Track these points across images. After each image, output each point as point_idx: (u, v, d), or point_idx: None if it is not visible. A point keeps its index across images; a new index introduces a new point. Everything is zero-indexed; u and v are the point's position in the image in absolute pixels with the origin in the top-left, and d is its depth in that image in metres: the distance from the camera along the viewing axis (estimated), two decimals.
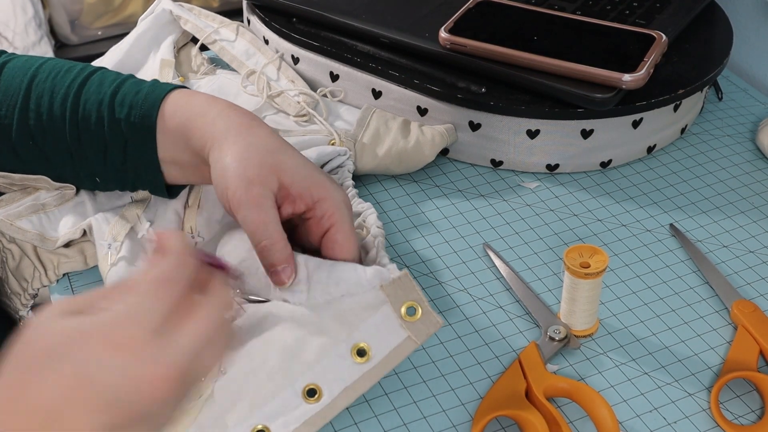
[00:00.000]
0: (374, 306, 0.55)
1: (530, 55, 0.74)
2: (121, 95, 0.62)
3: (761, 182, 0.78)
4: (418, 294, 0.54)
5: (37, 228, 0.66)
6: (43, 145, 0.64)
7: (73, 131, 0.63)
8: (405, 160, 0.74)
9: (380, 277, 0.55)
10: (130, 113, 0.61)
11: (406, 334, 0.54)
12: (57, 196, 0.67)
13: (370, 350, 0.54)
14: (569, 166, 0.78)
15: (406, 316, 0.54)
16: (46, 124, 0.63)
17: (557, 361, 0.61)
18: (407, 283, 0.55)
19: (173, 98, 0.62)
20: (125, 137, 0.62)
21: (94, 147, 0.63)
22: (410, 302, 0.54)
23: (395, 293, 0.54)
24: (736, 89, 0.90)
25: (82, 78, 0.64)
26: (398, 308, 0.54)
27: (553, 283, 0.67)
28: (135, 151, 0.62)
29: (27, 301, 0.67)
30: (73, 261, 0.66)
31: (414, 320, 0.54)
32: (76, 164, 0.64)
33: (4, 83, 0.64)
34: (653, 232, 0.72)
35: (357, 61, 0.79)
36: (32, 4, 1.65)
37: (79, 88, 0.63)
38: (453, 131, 0.77)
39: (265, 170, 0.56)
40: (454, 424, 0.57)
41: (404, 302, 0.54)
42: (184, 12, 0.84)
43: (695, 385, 0.59)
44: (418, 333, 0.54)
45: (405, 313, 0.54)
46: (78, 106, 0.63)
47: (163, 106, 0.61)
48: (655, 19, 0.83)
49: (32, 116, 0.63)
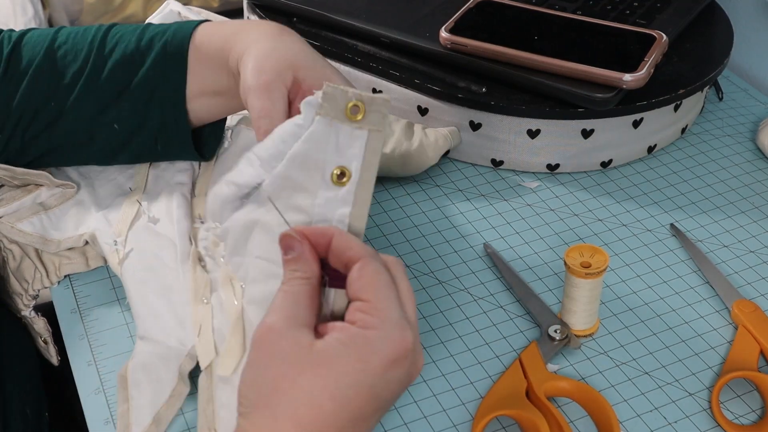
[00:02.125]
0: (325, 132, 0.52)
1: (531, 55, 0.74)
2: (149, 34, 0.63)
3: (761, 182, 0.78)
4: (350, 93, 0.51)
5: (38, 230, 0.66)
6: (64, 100, 0.64)
7: (96, 73, 0.63)
8: (408, 163, 0.74)
9: (311, 106, 0.52)
10: (162, 46, 0.62)
11: (365, 131, 0.52)
12: (57, 195, 0.67)
13: (347, 169, 0.52)
14: (570, 166, 0.78)
15: (353, 116, 0.52)
16: (69, 78, 0.63)
17: (558, 361, 0.61)
18: (335, 92, 0.52)
19: (203, 28, 0.63)
20: (155, 70, 0.62)
21: (119, 86, 0.63)
22: (349, 104, 0.51)
23: (332, 107, 0.52)
24: (737, 89, 0.90)
25: (104, 30, 0.65)
26: (342, 117, 0.52)
27: (553, 283, 0.67)
28: (164, 82, 0.63)
29: (28, 301, 0.67)
30: (74, 263, 0.66)
31: (363, 115, 0.52)
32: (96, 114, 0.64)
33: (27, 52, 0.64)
34: (654, 231, 0.72)
35: (357, 60, 0.79)
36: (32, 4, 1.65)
37: (103, 38, 0.64)
38: (457, 134, 0.77)
39: (282, 63, 0.57)
40: (455, 423, 0.57)
41: (343, 109, 0.52)
42: (191, 14, 0.84)
43: (696, 385, 0.59)
44: (374, 122, 0.52)
45: (351, 114, 0.52)
46: (103, 50, 0.63)
47: (194, 37, 0.63)
48: (655, 19, 0.83)
49: (57, 76, 0.64)
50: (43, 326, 0.69)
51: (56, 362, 0.70)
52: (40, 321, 0.69)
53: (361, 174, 0.52)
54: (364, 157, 0.52)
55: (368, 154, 0.52)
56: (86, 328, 0.64)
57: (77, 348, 0.62)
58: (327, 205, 0.52)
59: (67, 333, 0.64)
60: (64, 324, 0.64)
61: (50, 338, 0.70)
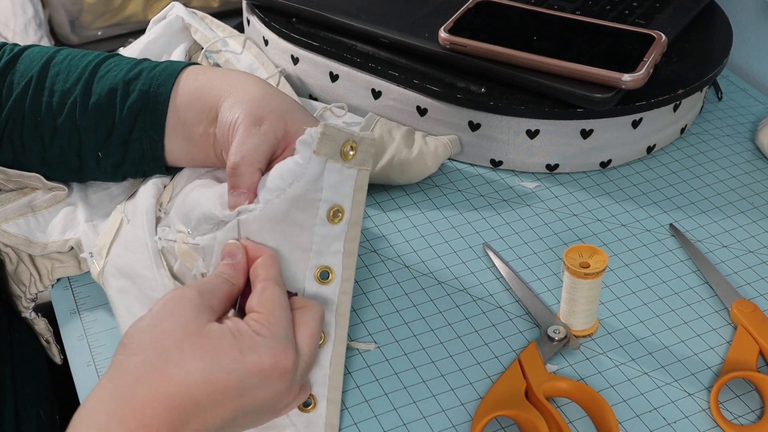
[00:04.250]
0: (320, 171, 0.55)
1: (530, 55, 0.74)
2: (138, 69, 0.64)
3: (761, 182, 0.78)
4: (345, 133, 0.54)
5: (24, 231, 0.65)
6: (52, 119, 0.64)
7: (84, 102, 0.64)
8: (407, 171, 0.74)
9: (307, 145, 0.54)
10: (145, 85, 0.63)
11: (355, 169, 0.55)
12: (48, 199, 0.67)
13: (341, 207, 0.56)
14: (569, 166, 0.78)
15: (348, 156, 0.55)
16: (57, 97, 0.64)
17: (557, 361, 0.61)
18: (334, 133, 0.54)
19: (190, 70, 0.64)
20: (138, 107, 0.63)
21: (103, 119, 0.63)
22: (344, 144, 0.55)
23: (329, 147, 0.54)
24: (736, 89, 0.90)
25: (100, 59, 0.66)
26: (337, 156, 0.55)
27: (552, 283, 0.67)
28: (143, 119, 0.63)
29: (27, 303, 0.67)
30: (67, 266, 0.66)
31: (354, 154, 0.55)
32: (82, 137, 0.64)
33: (22, 65, 0.65)
34: (653, 232, 0.72)
35: (357, 61, 0.79)
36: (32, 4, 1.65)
37: (96, 67, 0.65)
38: (457, 142, 0.77)
39: (275, 114, 0.58)
40: (454, 424, 0.57)
41: (340, 148, 0.55)
42: (195, 20, 0.83)
43: (695, 385, 0.59)
44: (362, 160, 0.55)
45: (346, 153, 0.55)
46: (92, 82, 0.64)
47: (179, 78, 0.63)
48: (654, 19, 0.83)
49: (46, 93, 0.64)
50: (44, 327, 0.69)
51: (59, 361, 0.71)
52: (41, 322, 0.69)
53: (352, 212, 0.56)
54: (354, 195, 0.56)
55: (357, 192, 0.56)
56: (85, 329, 0.64)
57: (76, 348, 0.63)
58: (323, 241, 0.56)
59: (66, 334, 0.64)
60: (63, 324, 0.64)
61: (52, 338, 0.70)
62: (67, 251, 0.66)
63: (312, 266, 0.56)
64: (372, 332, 0.63)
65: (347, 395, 0.59)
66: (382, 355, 0.61)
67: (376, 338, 0.63)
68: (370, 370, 0.60)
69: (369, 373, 0.60)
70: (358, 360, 0.61)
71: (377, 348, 0.62)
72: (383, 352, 0.62)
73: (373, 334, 0.63)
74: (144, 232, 0.62)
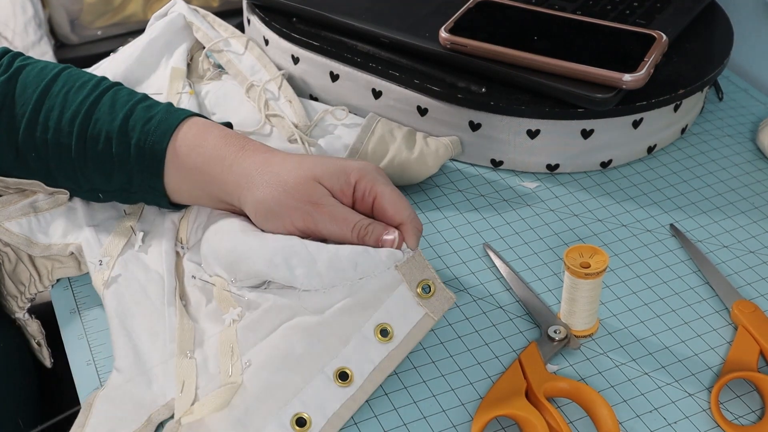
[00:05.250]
0: (391, 286, 0.57)
1: (530, 55, 0.74)
2: (133, 120, 0.62)
3: (761, 182, 0.78)
4: (431, 272, 0.58)
5: (26, 231, 0.65)
6: (46, 157, 0.63)
7: (80, 149, 0.63)
8: (408, 171, 0.74)
9: (394, 258, 0.57)
10: (140, 140, 0.61)
11: (423, 311, 0.57)
12: (50, 201, 0.67)
13: (392, 329, 0.56)
14: (569, 166, 0.78)
15: (422, 294, 0.57)
16: (52, 137, 0.63)
17: (557, 362, 0.61)
18: (420, 262, 0.57)
19: (185, 133, 0.62)
20: (133, 163, 0.62)
21: (100, 167, 0.63)
22: (425, 280, 0.57)
23: (410, 272, 0.57)
24: (737, 89, 0.90)
25: (95, 96, 0.63)
26: (414, 287, 0.57)
27: (553, 283, 0.67)
28: (141, 177, 0.62)
29: (24, 304, 0.67)
30: (67, 267, 0.66)
31: (429, 297, 0.57)
32: (80, 179, 0.64)
33: (19, 90, 0.64)
34: (653, 232, 0.72)
35: (357, 61, 0.79)
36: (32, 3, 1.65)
37: (91, 107, 0.63)
38: (458, 143, 0.76)
39: (310, 185, 0.58)
40: (454, 424, 0.57)
41: (419, 281, 0.57)
42: (196, 19, 0.83)
43: (695, 386, 0.59)
44: (434, 309, 0.57)
45: (421, 291, 0.57)
46: (88, 126, 0.62)
47: (175, 140, 0.61)
48: (655, 19, 0.82)
49: (39, 129, 0.63)
50: (36, 329, 0.69)
51: (49, 364, 0.70)
52: (34, 324, 0.69)
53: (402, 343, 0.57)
54: (412, 331, 0.57)
55: (416, 331, 0.57)
56: (85, 328, 0.64)
57: (76, 348, 0.62)
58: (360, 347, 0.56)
59: (66, 333, 0.64)
60: (63, 324, 0.64)
61: (44, 340, 0.70)
62: (68, 255, 0.66)
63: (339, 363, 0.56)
64: None
65: None
66: None
67: None
68: None
69: None
70: None
71: None
72: None
73: None
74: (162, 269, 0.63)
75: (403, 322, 0.57)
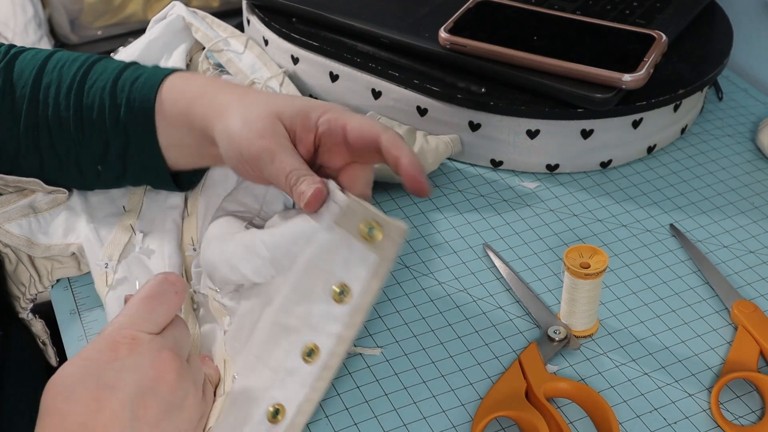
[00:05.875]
0: (337, 244, 0.53)
1: (530, 55, 0.74)
2: (122, 81, 0.63)
3: (761, 182, 0.78)
4: (370, 211, 0.52)
5: (26, 232, 0.65)
6: (49, 134, 0.64)
7: (77, 118, 0.63)
8: None
9: (330, 213, 0.53)
10: (129, 99, 0.62)
11: (375, 255, 0.52)
12: (49, 200, 0.67)
13: (348, 287, 0.52)
14: (569, 166, 0.78)
15: (368, 236, 0.52)
16: (52, 113, 0.63)
17: (557, 362, 0.61)
18: (357, 207, 0.52)
19: (170, 83, 0.63)
20: (125, 122, 0.62)
21: (97, 134, 0.63)
22: (366, 222, 0.52)
23: (349, 221, 0.52)
24: (737, 89, 0.90)
25: (87, 66, 0.64)
26: (357, 233, 0.52)
27: (553, 284, 0.67)
28: (136, 136, 0.63)
29: (26, 304, 0.67)
30: (66, 267, 0.66)
31: (379, 238, 0.52)
32: (80, 152, 0.64)
33: (16, 74, 0.65)
34: (653, 232, 0.72)
35: (357, 61, 0.79)
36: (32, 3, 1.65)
37: (84, 76, 0.64)
38: (458, 141, 0.76)
39: (268, 121, 0.56)
40: (454, 424, 0.57)
41: (359, 225, 0.52)
42: (196, 20, 0.83)
43: (695, 386, 0.59)
44: (386, 248, 0.52)
45: (367, 234, 0.52)
46: (82, 94, 0.63)
47: (161, 91, 0.62)
48: (655, 19, 0.82)
49: (41, 107, 0.64)
50: (41, 328, 0.69)
51: (55, 363, 0.70)
52: (38, 323, 0.69)
53: (361, 298, 0.52)
54: (369, 282, 0.52)
55: (373, 280, 0.52)
56: (85, 329, 0.64)
57: (76, 349, 0.62)
58: (320, 317, 0.53)
59: (66, 334, 0.64)
60: (63, 325, 0.64)
61: (48, 340, 0.70)
62: (69, 255, 0.66)
63: (302, 341, 0.54)
64: (372, 333, 0.63)
65: (347, 395, 0.59)
66: (382, 356, 0.61)
67: (377, 339, 0.63)
68: (371, 371, 0.60)
69: (369, 373, 0.60)
70: (358, 361, 0.61)
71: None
72: (383, 352, 0.62)
73: (374, 335, 0.63)
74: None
75: (357, 276, 0.52)
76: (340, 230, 0.52)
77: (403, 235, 0.52)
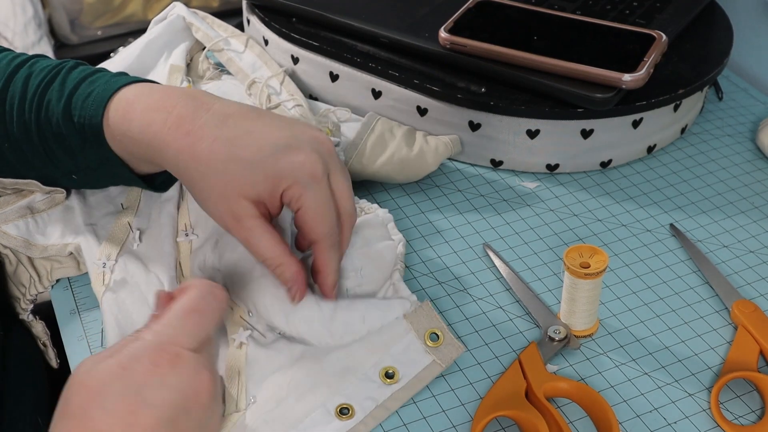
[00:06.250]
0: (399, 334, 0.59)
1: (530, 55, 0.74)
2: (76, 98, 0.61)
3: (761, 182, 0.78)
4: (439, 322, 0.60)
5: (23, 233, 0.65)
6: (19, 147, 0.63)
7: (40, 133, 0.62)
8: (407, 169, 0.74)
9: (403, 308, 0.60)
10: (81, 116, 0.60)
11: (431, 358, 0.58)
12: (47, 200, 0.67)
13: (398, 373, 0.57)
14: (569, 166, 0.78)
15: (429, 341, 0.59)
16: (17, 126, 0.62)
17: (557, 362, 0.61)
18: (428, 312, 0.60)
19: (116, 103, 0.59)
20: (83, 139, 0.61)
21: (62, 147, 0.62)
22: (432, 329, 0.59)
23: (418, 321, 0.60)
24: (737, 89, 0.90)
25: (48, 79, 0.62)
26: (422, 335, 0.59)
27: (553, 283, 0.67)
28: (93, 151, 0.61)
29: (26, 305, 0.67)
30: (66, 267, 0.66)
31: (437, 345, 0.59)
32: (53, 164, 0.63)
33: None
34: (653, 232, 0.72)
35: (357, 61, 0.79)
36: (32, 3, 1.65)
37: (44, 90, 0.62)
38: (458, 142, 0.76)
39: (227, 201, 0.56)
40: (454, 424, 0.57)
41: (427, 329, 0.59)
42: (196, 20, 0.83)
43: (695, 386, 0.59)
44: (442, 357, 0.59)
45: (428, 338, 0.59)
46: (41, 109, 0.62)
47: (108, 109, 0.59)
48: (655, 19, 0.82)
49: (8, 119, 0.62)
50: (41, 329, 0.69)
51: (56, 365, 0.70)
52: (39, 324, 0.69)
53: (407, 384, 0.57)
54: (417, 376, 0.58)
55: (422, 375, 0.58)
56: (85, 329, 0.64)
57: (76, 349, 0.62)
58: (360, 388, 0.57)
59: (66, 334, 0.64)
60: (63, 325, 0.64)
61: (49, 341, 0.70)
62: (67, 255, 0.66)
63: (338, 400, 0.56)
64: None
65: None
66: None
67: None
68: None
69: None
70: None
71: None
72: None
73: None
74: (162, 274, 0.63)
75: (410, 367, 0.58)
76: (408, 324, 0.60)
77: (459, 354, 0.59)
